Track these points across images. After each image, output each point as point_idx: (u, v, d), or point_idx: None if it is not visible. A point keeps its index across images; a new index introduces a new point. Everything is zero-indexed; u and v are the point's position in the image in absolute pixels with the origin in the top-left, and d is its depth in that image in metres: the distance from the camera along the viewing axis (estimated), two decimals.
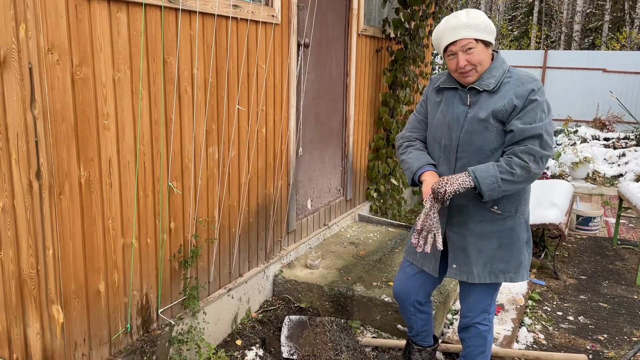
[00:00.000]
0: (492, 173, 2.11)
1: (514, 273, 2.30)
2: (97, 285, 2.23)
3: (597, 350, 3.30)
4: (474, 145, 2.20)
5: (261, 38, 3.12)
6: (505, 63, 2.24)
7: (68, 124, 2.00)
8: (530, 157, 2.10)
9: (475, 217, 2.26)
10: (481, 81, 2.20)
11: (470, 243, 2.29)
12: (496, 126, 2.17)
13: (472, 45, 2.15)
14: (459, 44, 2.15)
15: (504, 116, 2.15)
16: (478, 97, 2.21)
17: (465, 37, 2.14)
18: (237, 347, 2.94)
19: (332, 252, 3.97)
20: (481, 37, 2.15)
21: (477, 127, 2.19)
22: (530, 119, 2.11)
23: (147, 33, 2.30)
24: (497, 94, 2.17)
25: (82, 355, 2.21)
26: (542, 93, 2.15)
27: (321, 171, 4.17)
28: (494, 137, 2.17)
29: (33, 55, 1.88)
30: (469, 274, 2.31)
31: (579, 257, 4.92)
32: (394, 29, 4.77)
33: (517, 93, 2.14)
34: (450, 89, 2.30)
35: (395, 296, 2.60)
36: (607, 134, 10.35)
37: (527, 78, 2.18)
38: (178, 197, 2.62)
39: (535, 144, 2.10)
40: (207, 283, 2.93)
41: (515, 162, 2.10)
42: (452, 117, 2.26)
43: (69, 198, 2.05)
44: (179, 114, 2.56)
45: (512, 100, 2.13)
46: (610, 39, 21.23)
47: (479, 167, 2.14)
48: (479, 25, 2.14)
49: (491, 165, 2.13)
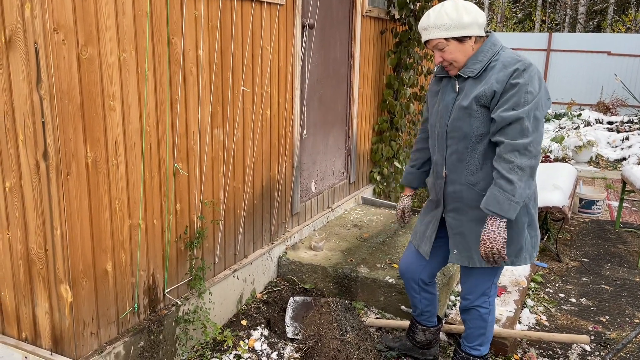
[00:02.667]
0: (500, 198, 2.08)
1: (514, 257, 2.29)
2: (105, 265, 2.25)
3: (599, 331, 3.33)
4: (460, 132, 2.22)
5: (266, 19, 3.09)
6: (495, 46, 2.19)
7: (74, 104, 2.00)
8: (513, 154, 2.06)
9: (471, 202, 2.27)
10: (466, 68, 2.20)
11: (468, 228, 2.30)
12: (480, 112, 2.16)
13: (442, 45, 2.18)
14: (431, 44, 2.21)
15: (486, 101, 2.13)
16: (464, 84, 2.23)
17: (433, 37, 2.18)
18: (242, 327, 2.97)
19: (335, 235, 3.99)
20: (450, 36, 2.14)
21: (461, 114, 2.20)
22: (513, 103, 2.07)
23: (152, 13, 2.29)
24: (481, 80, 2.17)
25: (91, 334, 2.23)
26: (528, 73, 2.08)
27: (325, 154, 4.17)
28: (479, 123, 2.17)
29: (39, 35, 1.87)
30: (469, 258, 2.32)
31: (582, 240, 4.94)
32: (399, 10, 4.73)
33: (498, 78, 2.11)
34: (446, 77, 2.34)
35: (401, 274, 2.64)
36: (611, 117, 10.31)
37: (512, 60, 2.12)
38: (184, 178, 2.63)
39: (515, 132, 2.05)
40: (212, 264, 2.96)
41: (505, 169, 2.06)
42: (443, 105, 2.30)
43: (76, 178, 2.06)
44: (184, 95, 2.55)
45: (492, 86, 2.11)
46: (615, 22, 21.01)
47: (487, 201, 2.11)
48: (446, 24, 2.13)
49: (495, 191, 2.09)
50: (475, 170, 2.23)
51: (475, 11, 2.16)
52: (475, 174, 2.24)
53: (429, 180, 2.51)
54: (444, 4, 2.17)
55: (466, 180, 2.26)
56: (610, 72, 12.44)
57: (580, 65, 12.84)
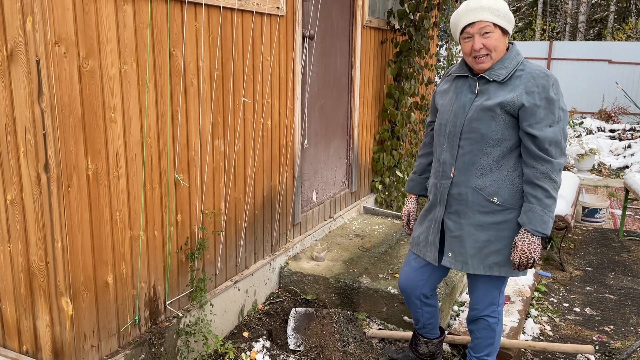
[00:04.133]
0: (545, 218, 2.12)
1: (509, 267, 2.27)
2: (106, 277, 2.25)
3: (603, 341, 3.30)
4: (477, 133, 2.20)
5: (266, 30, 3.11)
6: (519, 55, 2.21)
7: (75, 116, 2.01)
8: (558, 173, 2.12)
9: (474, 206, 2.25)
10: (492, 71, 2.18)
11: (467, 232, 2.27)
12: (503, 117, 2.15)
13: (490, 30, 2.13)
14: (477, 26, 2.13)
15: (512, 109, 2.13)
16: (487, 87, 2.20)
17: (484, 19, 2.12)
18: (244, 339, 2.96)
19: (337, 244, 3.97)
20: (500, 23, 2.13)
21: (482, 115, 2.18)
22: (550, 120, 2.10)
23: (153, 25, 2.30)
24: (507, 86, 2.16)
25: (92, 346, 2.22)
26: (557, 88, 2.12)
27: (326, 163, 4.17)
28: (500, 127, 2.16)
29: (40, 48, 1.88)
30: (464, 263, 2.29)
31: (585, 249, 4.91)
32: (399, 21, 4.75)
33: (528, 88, 2.11)
34: (461, 77, 2.31)
35: (401, 289, 2.59)
36: (613, 125, 10.30)
37: (540, 73, 2.13)
38: (185, 189, 2.63)
39: (556, 151, 2.11)
40: (213, 275, 2.95)
41: (552, 188, 2.12)
42: (459, 105, 2.26)
43: (77, 190, 2.06)
44: (185, 107, 2.56)
45: (522, 95, 2.11)
46: (616, 30, 21.07)
47: (534, 222, 2.13)
48: (500, 10, 2.13)
49: (539, 212, 2.12)
50: (486, 174, 2.21)
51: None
52: (484, 178, 2.22)
53: (431, 181, 2.45)
54: None
55: (473, 184, 2.23)
56: (612, 80, 12.46)
57: (582, 74, 12.86)
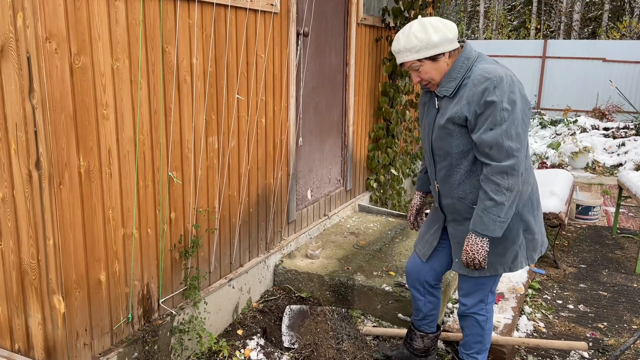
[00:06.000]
0: (486, 220, 2.11)
1: (511, 263, 2.32)
2: (98, 275, 2.23)
3: (597, 338, 3.31)
4: (443, 150, 2.24)
5: (260, 27, 3.10)
6: (469, 59, 2.17)
7: (67, 113, 1.99)
8: (500, 176, 2.07)
9: (464, 214, 2.30)
10: (441, 87, 2.21)
11: (464, 239, 2.32)
12: (457, 130, 2.16)
13: (417, 66, 2.19)
14: (405, 66, 2.23)
15: (460, 121, 2.13)
16: (442, 102, 2.24)
17: (406, 60, 2.19)
18: (238, 337, 2.95)
19: (332, 242, 3.97)
20: (423, 56, 2.15)
21: (441, 133, 2.22)
22: (490, 123, 2.06)
23: (145, 21, 2.29)
24: (454, 99, 2.17)
25: (84, 345, 2.21)
26: (500, 89, 2.04)
27: (321, 161, 4.16)
28: (458, 141, 2.18)
29: (31, 45, 1.87)
30: (468, 267, 2.33)
31: (579, 246, 4.93)
32: (394, 18, 4.74)
33: (469, 97, 2.10)
34: (429, 92, 2.36)
35: (407, 274, 2.66)
36: (607, 123, 10.33)
37: (481, 78, 2.08)
38: (178, 187, 2.62)
39: (499, 154, 2.06)
40: (207, 273, 2.94)
41: (493, 191, 2.08)
42: (428, 122, 2.33)
43: (69, 188, 2.05)
44: (178, 104, 2.55)
45: (464, 107, 2.11)
46: (610, 28, 21.14)
47: (474, 222, 2.15)
48: (416, 46, 2.13)
49: (480, 213, 2.13)
50: (463, 183, 2.25)
51: (444, 27, 2.14)
52: (463, 187, 2.26)
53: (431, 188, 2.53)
54: (412, 25, 2.16)
55: (456, 194, 2.29)
56: (606, 78, 12.50)
57: (576, 72, 12.90)
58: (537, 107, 13.14)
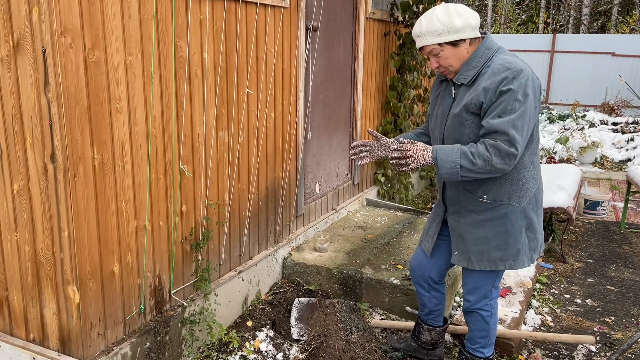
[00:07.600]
0: (452, 158, 2.09)
1: (512, 260, 2.29)
2: (112, 266, 2.27)
3: (604, 332, 3.32)
4: (454, 139, 2.23)
5: (270, 22, 3.11)
6: (489, 50, 2.16)
7: (81, 107, 2.02)
8: (496, 151, 2.05)
9: (468, 206, 2.29)
10: (459, 75, 2.19)
11: (466, 231, 2.32)
12: (470, 120, 2.15)
13: (437, 51, 2.16)
14: (425, 50, 2.20)
15: (475, 109, 2.12)
16: (459, 91, 2.23)
17: (427, 44, 2.16)
18: (247, 328, 2.99)
19: (340, 236, 4.00)
20: (444, 41, 2.13)
21: (454, 121, 2.21)
22: (501, 110, 2.04)
23: (157, 16, 2.31)
24: (472, 87, 2.16)
25: (98, 334, 2.25)
26: (518, 81, 2.04)
27: (329, 155, 4.18)
28: (470, 131, 2.17)
29: (46, 39, 1.90)
30: (468, 260, 2.34)
31: (587, 241, 4.93)
32: (402, 12, 4.74)
33: (487, 85, 2.08)
34: (445, 81, 2.34)
35: (411, 271, 2.67)
36: (616, 118, 10.28)
37: (501, 67, 2.07)
38: (189, 180, 2.65)
39: (502, 139, 2.04)
40: (218, 265, 2.97)
41: (480, 152, 2.06)
42: (441, 111, 2.31)
43: (83, 180, 2.08)
44: (190, 98, 2.57)
45: (480, 94, 2.09)
46: (619, 23, 20.95)
47: (444, 149, 2.12)
48: (438, 29, 2.12)
49: (455, 149, 2.10)
50: None
51: (467, 13, 2.14)
52: (470, 181, 2.24)
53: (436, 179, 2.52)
54: (435, 9, 2.16)
55: (462, 185, 2.28)
56: (615, 73, 12.41)
57: (585, 66, 12.82)
58: (545, 101, 13.07)
